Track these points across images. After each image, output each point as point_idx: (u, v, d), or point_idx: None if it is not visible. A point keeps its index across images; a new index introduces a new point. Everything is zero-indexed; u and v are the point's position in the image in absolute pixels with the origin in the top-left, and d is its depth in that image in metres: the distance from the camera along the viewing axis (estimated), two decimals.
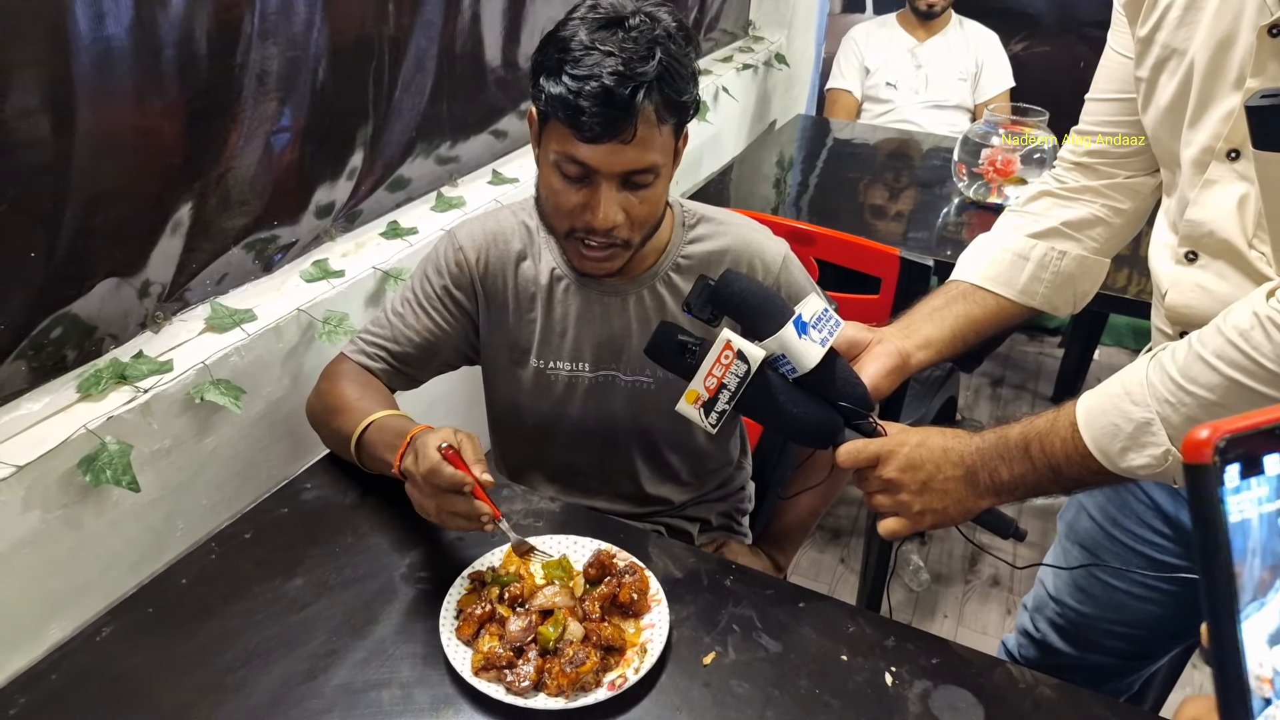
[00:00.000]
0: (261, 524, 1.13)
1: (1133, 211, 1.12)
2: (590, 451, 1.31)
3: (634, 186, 1.08)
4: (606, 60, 1.00)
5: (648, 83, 1.01)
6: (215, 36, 1.23)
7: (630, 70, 1.00)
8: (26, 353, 1.13)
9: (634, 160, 1.05)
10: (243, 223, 1.40)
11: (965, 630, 2.19)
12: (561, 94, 1.01)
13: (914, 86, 3.07)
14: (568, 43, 1.02)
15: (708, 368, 0.94)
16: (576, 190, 1.08)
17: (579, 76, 1.00)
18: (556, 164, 1.08)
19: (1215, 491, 0.44)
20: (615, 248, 1.12)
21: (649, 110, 1.02)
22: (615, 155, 1.04)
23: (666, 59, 1.03)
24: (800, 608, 1.04)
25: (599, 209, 1.07)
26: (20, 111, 1.02)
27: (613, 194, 1.07)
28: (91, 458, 1.12)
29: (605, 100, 1.00)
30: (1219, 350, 0.79)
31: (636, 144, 1.03)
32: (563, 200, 1.09)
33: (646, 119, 1.03)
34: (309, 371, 1.44)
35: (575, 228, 1.11)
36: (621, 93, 1.00)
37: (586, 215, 1.08)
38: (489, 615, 0.96)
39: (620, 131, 1.02)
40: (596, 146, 1.03)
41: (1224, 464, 0.43)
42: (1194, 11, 0.88)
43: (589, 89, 0.99)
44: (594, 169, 1.05)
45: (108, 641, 0.96)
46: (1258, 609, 0.45)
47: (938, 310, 1.12)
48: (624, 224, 1.09)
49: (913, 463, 0.93)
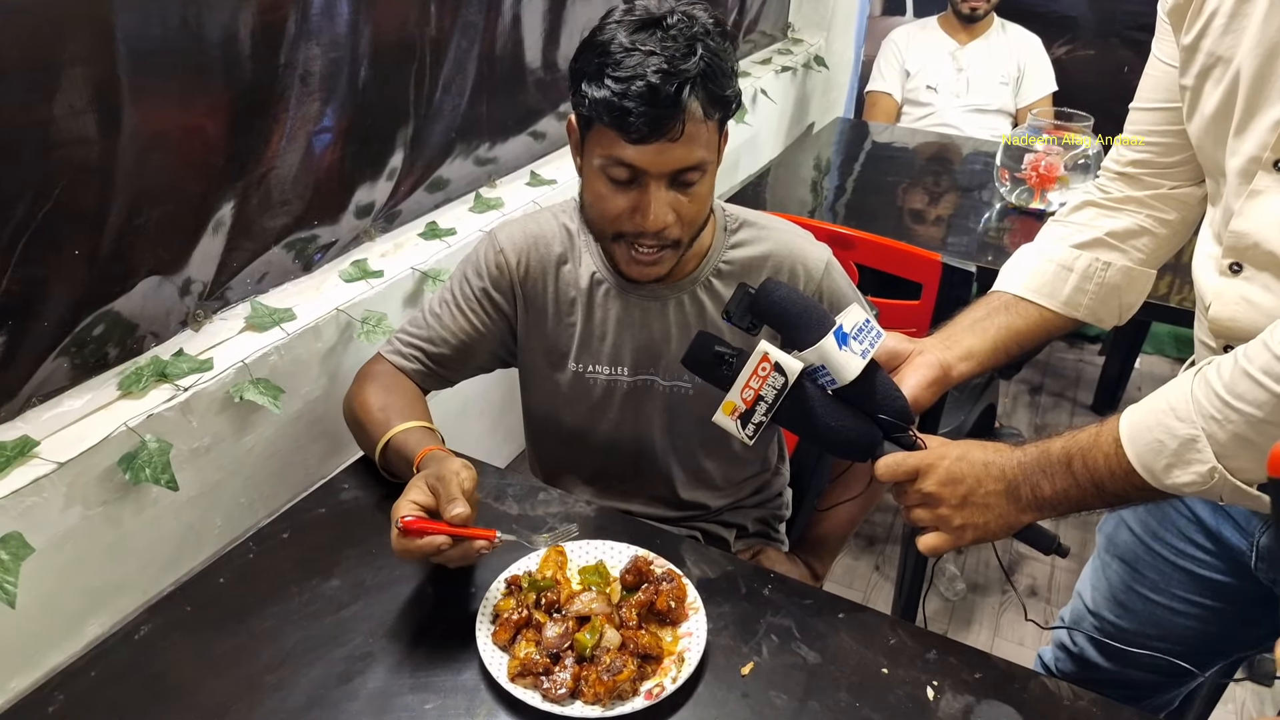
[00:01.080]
0: (299, 524, 1.13)
1: (1179, 222, 1.10)
2: (627, 456, 1.30)
3: (682, 185, 1.07)
4: (649, 60, 0.99)
5: (691, 79, 1.00)
6: (259, 37, 1.24)
7: (674, 68, 0.99)
8: (69, 350, 1.14)
9: (682, 158, 1.04)
10: (283, 222, 1.41)
11: (1001, 641, 2.16)
12: (606, 97, 1.00)
13: (955, 90, 3.03)
14: (607, 46, 1.02)
15: (744, 379, 0.93)
16: (624, 194, 1.07)
17: (623, 78, 0.99)
18: (603, 169, 1.07)
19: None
20: (666, 249, 1.11)
21: (695, 107, 1.01)
22: (663, 154, 1.03)
23: (708, 55, 1.02)
24: (839, 618, 1.03)
25: (649, 210, 1.05)
26: (67, 110, 1.03)
27: (662, 194, 1.06)
28: (131, 455, 1.12)
29: (651, 99, 0.99)
30: (1266, 367, 0.77)
31: (684, 141, 1.02)
32: (610, 206, 1.08)
33: (693, 115, 1.02)
34: (347, 371, 1.44)
35: (624, 232, 1.10)
36: (668, 90, 0.99)
37: (636, 218, 1.07)
38: (525, 620, 0.95)
39: (668, 130, 1.01)
40: (644, 147, 1.02)
41: None
42: (1240, 19, 0.86)
43: (635, 89, 0.99)
44: (642, 170, 1.04)
45: (146, 639, 0.97)
46: None
47: (979, 321, 1.11)
48: (674, 224, 1.08)
49: (953, 476, 0.92)
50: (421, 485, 0.97)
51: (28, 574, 1.01)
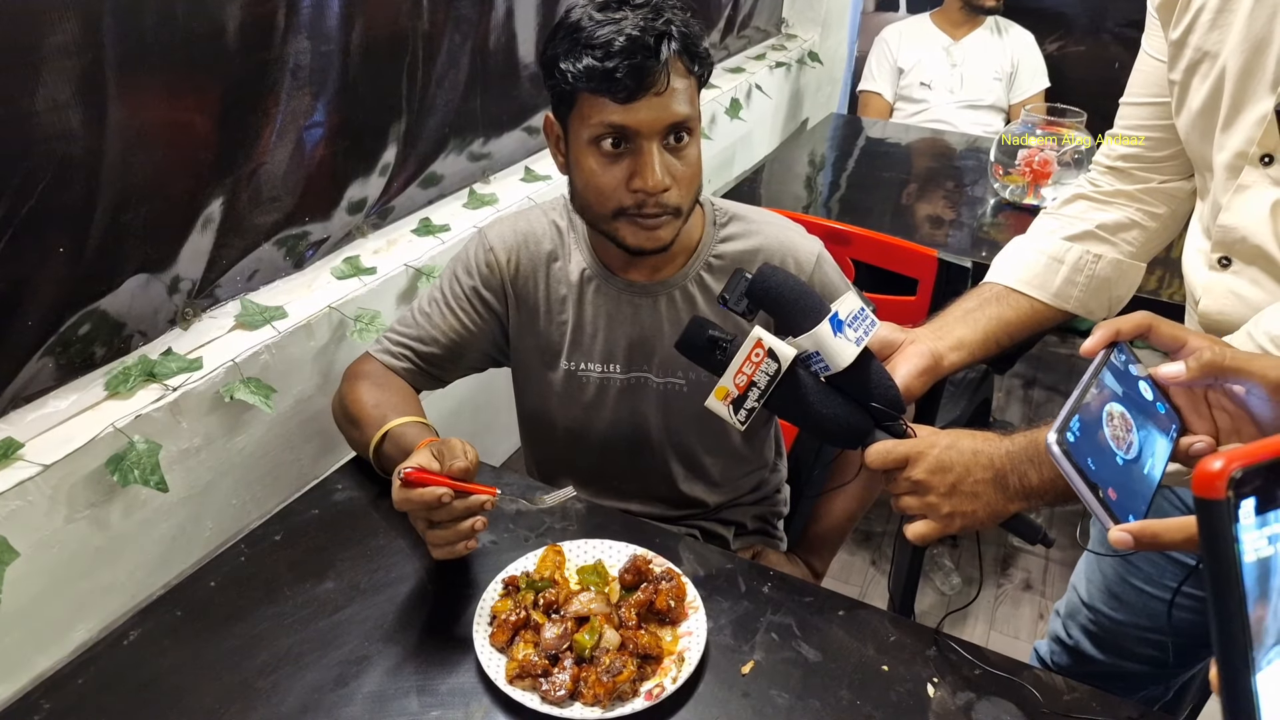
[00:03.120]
0: (292, 525, 1.11)
1: (1168, 216, 1.10)
2: (622, 454, 1.29)
3: (674, 147, 1.08)
4: (624, 23, 1.03)
5: (666, 33, 1.03)
6: (249, 30, 1.22)
7: (649, 25, 1.03)
8: (54, 349, 1.13)
9: (673, 113, 1.05)
10: (274, 219, 1.39)
11: (997, 635, 2.15)
12: (589, 64, 1.02)
13: (949, 86, 3.03)
14: (579, 24, 1.05)
15: (738, 365, 0.93)
16: (619, 164, 1.07)
17: (600, 43, 1.02)
18: (595, 140, 1.07)
19: (1229, 529, 0.40)
20: (666, 215, 1.10)
21: (676, 60, 1.05)
22: (654, 110, 1.04)
23: (677, 16, 1.06)
24: (840, 615, 1.02)
25: (648, 170, 1.06)
26: (51, 105, 1.01)
27: (656, 153, 1.06)
28: (120, 457, 1.11)
29: (633, 51, 1.01)
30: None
31: (670, 95, 1.04)
32: (606, 179, 1.08)
33: (676, 68, 1.05)
34: (339, 369, 1.41)
35: (625, 205, 1.09)
36: (647, 41, 1.02)
37: (636, 182, 1.07)
38: (523, 621, 0.94)
39: (653, 82, 1.03)
40: (633, 105, 1.03)
41: (1238, 498, 0.41)
42: (1227, 14, 0.87)
43: (617, 46, 1.01)
44: (634, 130, 1.05)
45: (136, 644, 0.95)
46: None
47: (971, 312, 1.11)
48: (673, 187, 1.08)
49: (942, 465, 0.91)
50: (426, 451, 0.97)
51: (12, 579, 0.99)
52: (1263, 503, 0.41)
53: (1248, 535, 0.41)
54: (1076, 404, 0.69)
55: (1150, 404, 0.75)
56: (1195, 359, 0.70)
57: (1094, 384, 0.72)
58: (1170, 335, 0.74)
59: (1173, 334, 0.74)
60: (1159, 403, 0.75)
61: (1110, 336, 0.75)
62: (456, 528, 0.95)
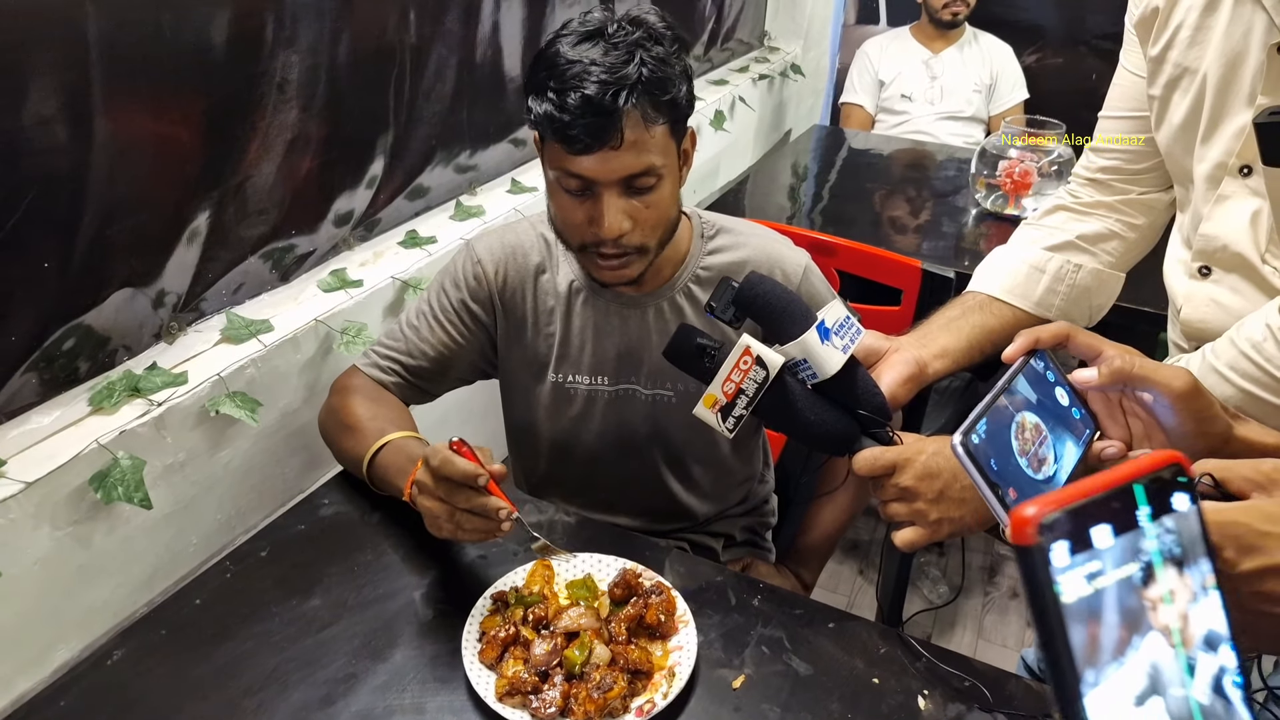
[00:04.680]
0: (278, 541, 1.11)
1: (1147, 226, 1.12)
2: (611, 466, 1.29)
3: (636, 191, 1.07)
4: (589, 69, 1.00)
5: (630, 85, 1.01)
6: (236, 45, 1.22)
7: (612, 76, 1.00)
8: (38, 364, 1.11)
9: (629, 165, 1.04)
10: (260, 231, 1.38)
11: (985, 644, 2.16)
12: (548, 111, 1.02)
13: (929, 98, 3.06)
14: (553, 59, 1.03)
15: (726, 372, 0.93)
16: (581, 204, 1.07)
17: (561, 91, 1.00)
18: (557, 180, 1.08)
19: (1045, 572, 0.43)
20: (629, 255, 1.10)
21: (635, 114, 1.02)
22: (608, 162, 1.03)
23: (650, 61, 1.03)
24: (830, 628, 1.02)
25: (603, 219, 1.06)
26: (37, 119, 1.00)
27: (615, 201, 1.06)
28: (103, 473, 1.09)
29: (587, 109, 0.99)
30: (1232, 362, 0.80)
31: (628, 148, 1.02)
32: (570, 216, 1.09)
33: (633, 122, 1.02)
34: (326, 383, 1.41)
35: (586, 242, 1.10)
36: (602, 100, 0.99)
37: (593, 227, 1.07)
38: (513, 638, 0.93)
39: (607, 139, 1.01)
40: (589, 157, 1.02)
41: (1050, 542, 0.43)
42: (1204, 31, 0.90)
43: (571, 101, 1.00)
44: (591, 179, 1.04)
45: (120, 665, 0.94)
46: (1117, 668, 0.44)
47: (954, 320, 1.12)
48: (632, 230, 1.08)
49: (929, 471, 0.92)
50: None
51: None
52: (1075, 544, 0.44)
53: (1064, 577, 0.43)
54: (986, 408, 0.72)
55: (1066, 409, 0.77)
56: (1106, 365, 0.74)
57: (1007, 389, 0.74)
58: (1086, 344, 0.77)
59: (1089, 343, 0.77)
60: (1075, 408, 0.78)
61: (1030, 344, 0.77)
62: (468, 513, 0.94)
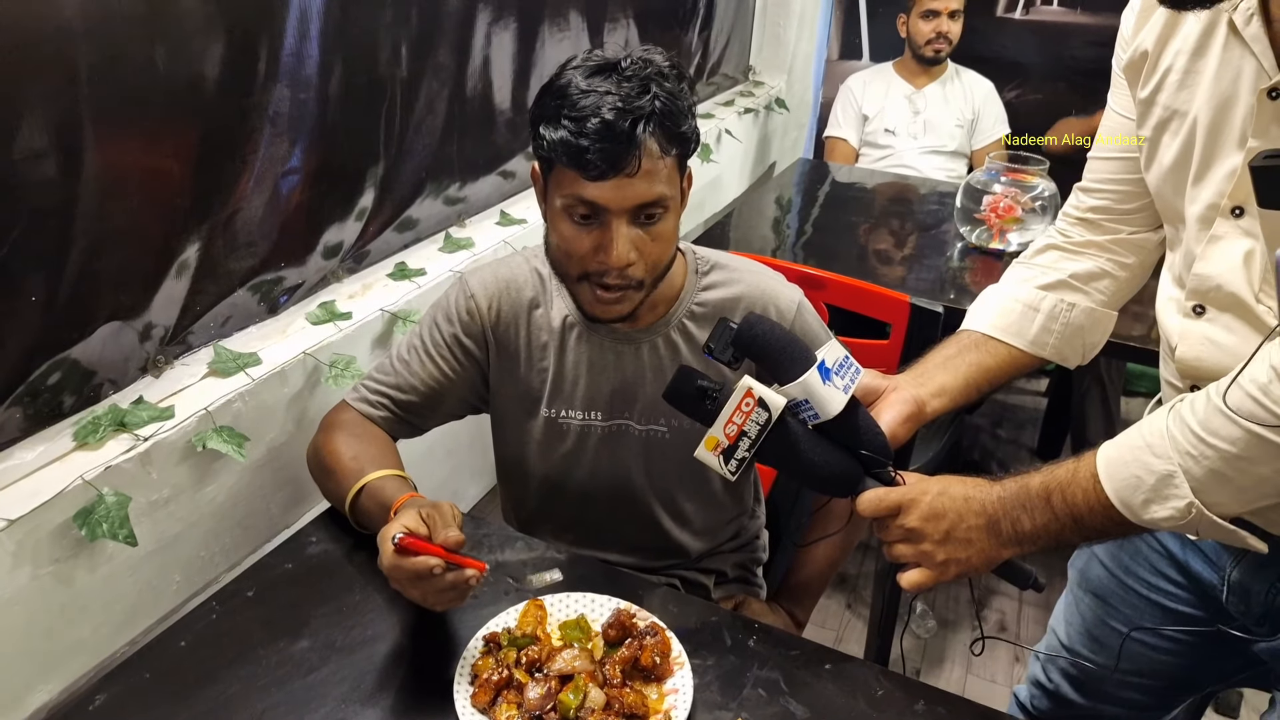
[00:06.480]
0: (264, 581, 1.08)
1: (1137, 265, 1.14)
2: (603, 502, 1.27)
3: (644, 223, 1.07)
4: (605, 99, 1.01)
5: (646, 115, 1.02)
6: (227, 78, 1.21)
7: (629, 105, 1.01)
8: (22, 399, 1.09)
9: (642, 194, 1.04)
10: (249, 264, 1.37)
11: (974, 679, 2.15)
12: (564, 137, 1.02)
13: (912, 132, 3.09)
14: (565, 89, 1.03)
15: (728, 415, 0.93)
16: (588, 233, 1.07)
17: (578, 118, 1.01)
18: (565, 209, 1.07)
19: None
20: (629, 289, 1.10)
21: (650, 143, 1.03)
22: (622, 190, 1.03)
23: (663, 94, 1.04)
24: (826, 669, 1.01)
25: (612, 247, 1.05)
26: (26, 153, 0.99)
27: (624, 230, 1.06)
28: (88, 510, 1.07)
29: (606, 135, 1.00)
30: (1238, 404, 0.79)
31: (642, 176, 1.03)
32: (575, 245, 1.08)
33: (649, 151, 1.03)
34: (313, 416, 1.40)
35: (589, 271, 1.10)
36: (622, 125, 1.00)
37: (600, 256, 1.07)
38: (506, 681, 0.92)
39: (625, 165, 1.02)
40: (603, 184, 1.03)
41: None
42: (1193, 75, 0.91)
43: (590, 126, 1.00)
44: (603, 207, 1.05)
45: (103, 710, 0.91)
46: None
47: (951, 359, 1.13)
48: (638, 262, 1.08)
49: (935, 512, 0.92)
50: (414, 513, 0.94)
51: None
52: None
53: None
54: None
55: None
56: None
57: None
58: None
59: None
60: None
61: None
62: (439, 592, 0.92)
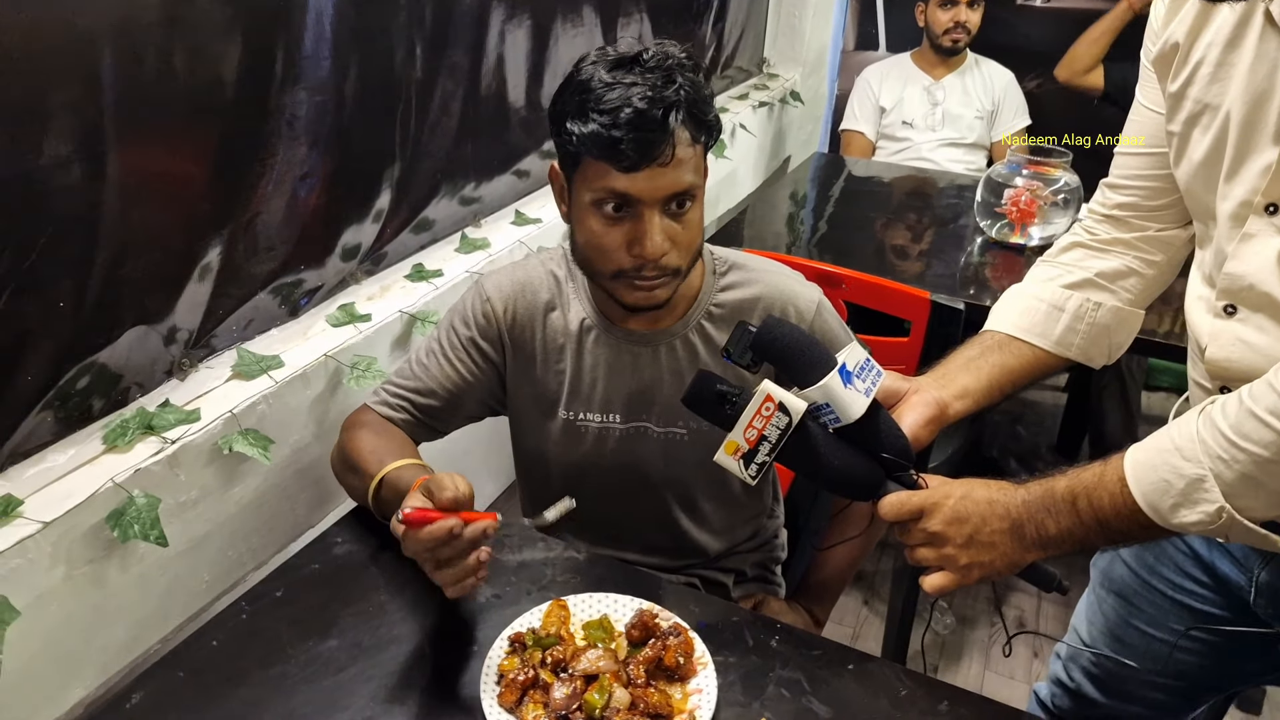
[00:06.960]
0: (293, 581, 1.10)
1: (1165, 263, 1.11)
2: (622, 503, 1.28)
3: (675, 212, 1.07)
4: (633, 89, 1.01)
5: (676, 103, 1.02)
6: (246, 83, 1.23)
7: (658, 95, 1.01)
8: (53, 403, 1.11)
9: (674, 183, 1.05)
10: (269, 267, 1.38)
11: (993, 675, 2.15)
12: (595, 130, 1.01)
13: (930, 124, 3.06)
14: (588, 84, 1.03)
15: (748, 419, 0.92)
16: (619, 227, 1.07)
17: (609, 110, 1.01)
18: (596, 203, 1.07)
19: None
20: (665, 277, 1.10)
21: (681, 131, 1.03)
22: (655, 180, 1.03)
23: (687, 84, 1.04)
24: (849, 669, 1.01)
25: (647, 238, 1.05)
26: (53, 159, 1.01)
27: (657, 221, 1.06)
28: (120, 512, 1.09)
29: (639, 125, 1.00)
30: (1272, 407, 0.78)
31: (674, 166, 1.04)
32: (607, 241, 1.08)
33: (680, 140, 1.03)
34: (335, 418, 1.41)
35: (624, 267, 1.09)
36: (654, 114, 1.00)
37: (635, 248, 1.07)
38: (532, 681, 0.93)
39: (658, 154, 1.02)
40: (636, 175, 1.03)
41: None
42: (1226, 68, 0.88)
43: (623, 117, 1.00)
44: (636, 198, 1.05)
45: (139, 708, 0.93)
46: None
47: (973, 360, 1.11)
48: (672, 251, 1.08)
49: (959, 515, 0.91)
50: (417, 493, 0.95)
51: (10, 639, 0.97)
52: None
53: None
54: None
55: None
56: None
57: None
58: None
59: None
60: None
61: None
62: (464, 563, 0.93)
